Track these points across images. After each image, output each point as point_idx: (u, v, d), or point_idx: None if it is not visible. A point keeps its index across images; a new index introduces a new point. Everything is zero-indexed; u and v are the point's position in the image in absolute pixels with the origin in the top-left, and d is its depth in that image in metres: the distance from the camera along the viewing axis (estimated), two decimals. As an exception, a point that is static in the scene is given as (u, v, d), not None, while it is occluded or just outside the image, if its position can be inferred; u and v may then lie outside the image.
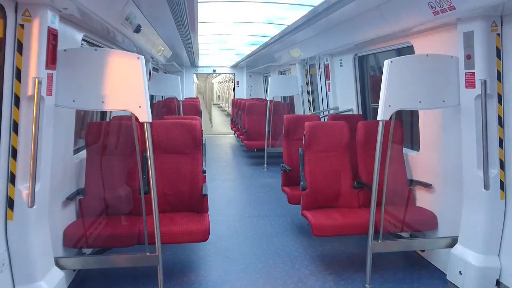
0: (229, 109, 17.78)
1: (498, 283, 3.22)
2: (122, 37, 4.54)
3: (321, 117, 6.61)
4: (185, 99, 10.73)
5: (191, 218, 3.75)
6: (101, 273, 3.71)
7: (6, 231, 2.70)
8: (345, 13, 4.29)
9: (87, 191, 3.74)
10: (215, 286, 3.57)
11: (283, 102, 10.48)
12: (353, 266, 3.91)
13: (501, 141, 3.19)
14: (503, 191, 3.22)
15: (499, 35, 3.08)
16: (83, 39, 3.80)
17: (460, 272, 3.33)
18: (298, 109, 9.25)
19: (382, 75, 3.24)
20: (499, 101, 3.16)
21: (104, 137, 3.95)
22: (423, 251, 4.04)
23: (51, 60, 2.79)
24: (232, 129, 12.33)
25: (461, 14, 3.05)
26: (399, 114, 3.77)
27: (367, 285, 3.47)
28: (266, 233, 4.79)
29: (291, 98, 10.01)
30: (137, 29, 4.57)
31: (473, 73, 3.17)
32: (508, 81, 3.12)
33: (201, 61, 13.48)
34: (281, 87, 8.76)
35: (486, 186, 3.14)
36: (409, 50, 4.24)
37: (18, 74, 2.65)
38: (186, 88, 13.78)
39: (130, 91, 3.00)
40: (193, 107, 9.76)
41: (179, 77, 8.51)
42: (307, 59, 7.73)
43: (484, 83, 3.09)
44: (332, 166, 4.28)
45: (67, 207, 3.51)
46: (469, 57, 3.18)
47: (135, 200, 3.81)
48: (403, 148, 4.35)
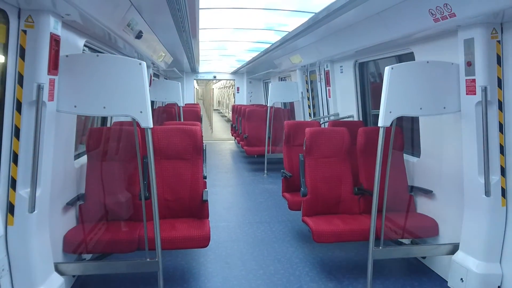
0: (229, 115, 17.81)
1: (499, 290, 3.21)
2: (123, 43, 4.56)
3: (322, 123, 6.61)
4: (185, 105, 10.76)
5: (191, 224, 3.74)
6: (101, 279, 3.69)
7: (6, 237, 2.69)
8: (346, 20, 4.31)
9: (88, 196, 3.74)
10: None
11: (284, 108, 10.50)
12: (354, 272, 3.89)
13: (502, 147, 3.20)
14: (504, 197, 3.22)
15: (499, 42, 3.10)
16: (85, 45, 3.82)
17: (461, 279, 3.32)
18: (298, 115, 9.26)
19: (382, 81, 3.25)
20: (500, 108, 3.17)
21: (104, 143, 3.95)
22: (424, 257, 4.02)
23: (53, 65, 2.80)
24: (232, 135, 12.32)
25: (462, 21, 3.07)
26: (400, 120, 3.78)
27: (368, 292, 3.46)
28: (266, 239, 4.77)
29: (292, 104, 10.02)
30: (139, 35, 4.60)
31: (474, 80, 3.18)
32: (508, 87, 3.13)
33: (202, 67, 13.52)
34: (281, 93, 8.77)
35: (487, 192, 3.14)
36: (410, 56, 4.26)
37: (20, 79, 2.66)
38: (186, 94, 13.82)
39: (131, 97, 3.00)
40: (193, 113, 9.76)
41: (180, 83, 8.54)
42: (307, 65, 7.75)
43: (484, 90, 3.11)
44: (332, 172, 4.28)
45: (67, 213, 3.51)
46: (469, 64, 3.20)
47: (135, 205, 3.81)
48: (404, 154, 4.36)
